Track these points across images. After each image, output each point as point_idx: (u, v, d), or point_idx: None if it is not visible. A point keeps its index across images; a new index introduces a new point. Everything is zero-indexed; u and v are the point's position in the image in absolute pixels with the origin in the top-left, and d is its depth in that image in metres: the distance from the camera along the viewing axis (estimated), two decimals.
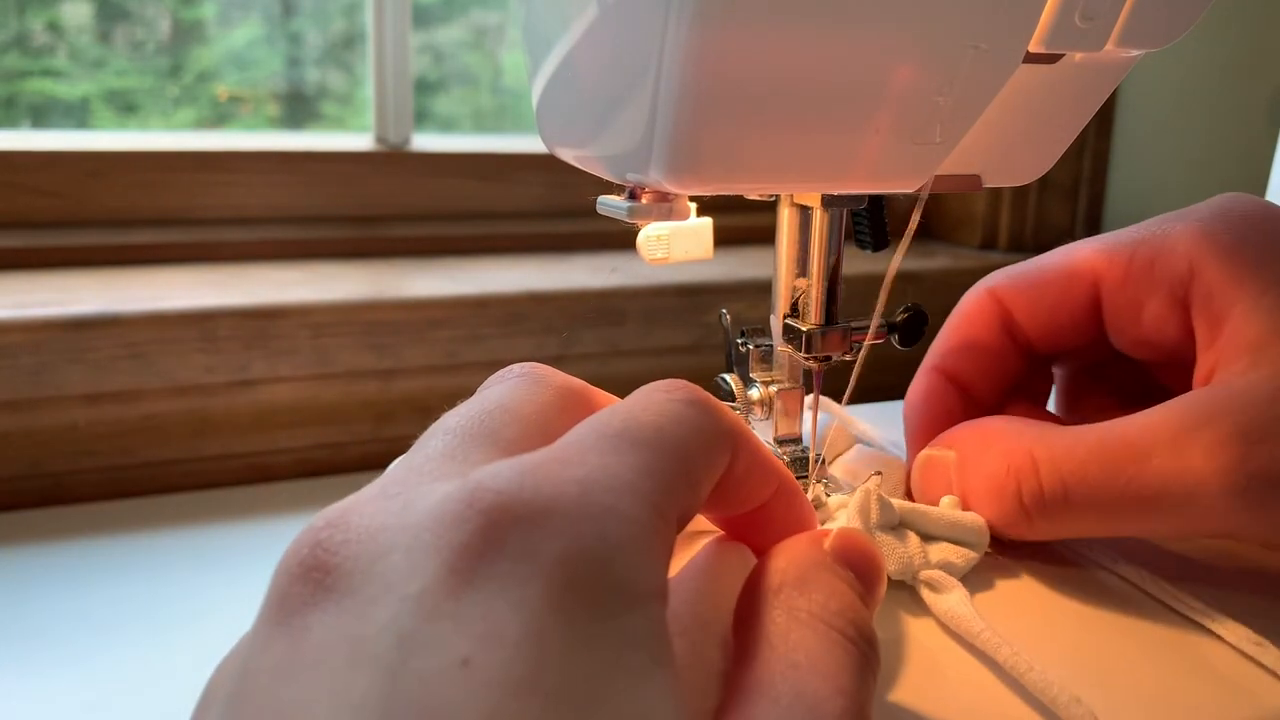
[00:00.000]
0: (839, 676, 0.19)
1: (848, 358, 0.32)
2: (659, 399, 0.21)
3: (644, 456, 0.19)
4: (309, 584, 0.17)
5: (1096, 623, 0.27)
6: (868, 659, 0.20)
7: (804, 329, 0.31)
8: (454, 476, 0.18)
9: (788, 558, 0.22)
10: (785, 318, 0.32)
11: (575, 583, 0.16)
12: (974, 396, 0.34)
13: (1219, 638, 0.26)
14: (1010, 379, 0.35)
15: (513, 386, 0.22)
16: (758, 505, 0.23)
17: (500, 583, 0.16)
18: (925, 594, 0.27)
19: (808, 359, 0.32)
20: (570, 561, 0.16)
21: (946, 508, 0.29)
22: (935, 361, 0.35)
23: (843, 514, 0.28)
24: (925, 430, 0.33)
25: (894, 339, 0.32)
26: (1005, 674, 0.24)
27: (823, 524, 0.29)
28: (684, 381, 0.22)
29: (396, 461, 0.21)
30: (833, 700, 0.18)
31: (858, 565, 0.22)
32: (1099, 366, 0.36)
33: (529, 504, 0.17)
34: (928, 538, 0.28)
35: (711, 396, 0.22)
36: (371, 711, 0.14)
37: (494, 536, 0.16)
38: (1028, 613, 0.27)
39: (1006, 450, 0.28)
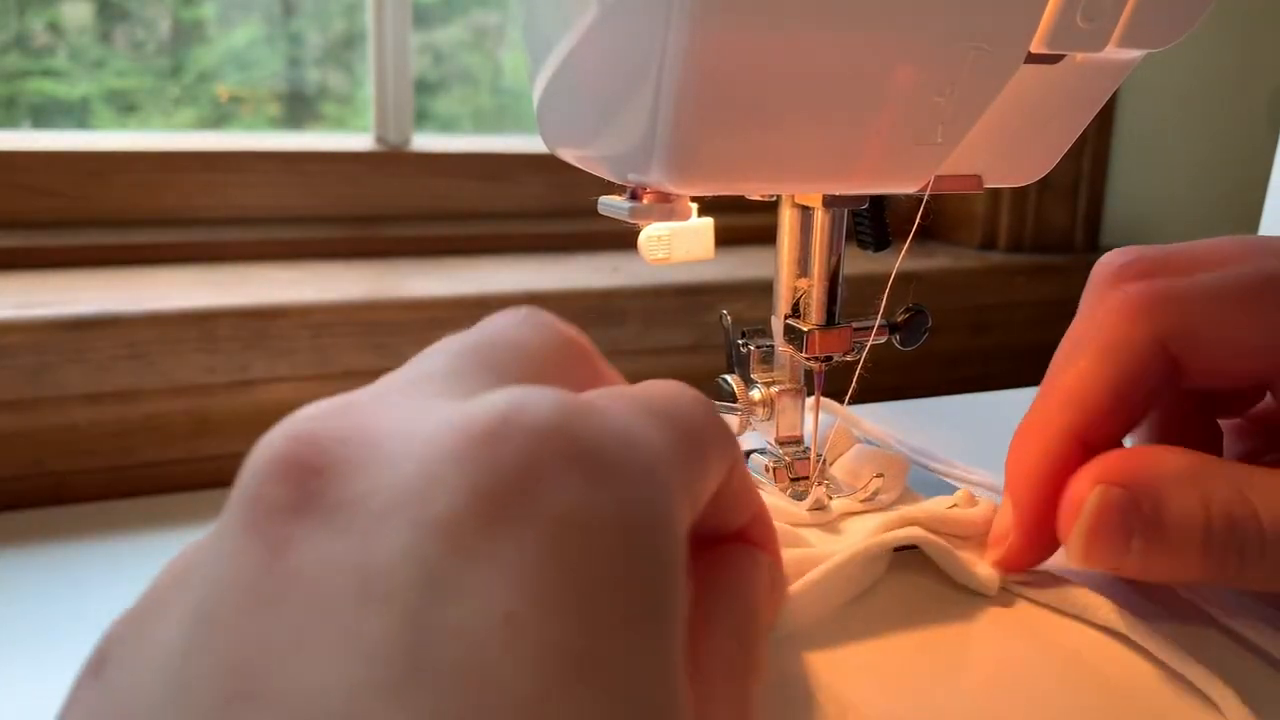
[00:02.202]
0: None
1: (849, 358, 0.32)
2: (675, 392, 0.18)
3: (680, 441, 0.17)
4: (290, 485, 0.14)
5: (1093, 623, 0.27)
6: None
7: (805, 329, 0.31)
8: (463, 397, 0.15)
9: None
10: (786, 318, 0.32)
11: (632, 551, 0.14)
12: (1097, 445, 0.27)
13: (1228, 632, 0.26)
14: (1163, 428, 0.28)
15: (517, 324, 0.20)
16: (730, 532, 0.21)
17: (545, 527, 0.13)
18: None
19: (809, 359, 0.32)
20: (628, 528, 0.14)
21: (949, 508, 0.29)
22: (1064, 415, 0.26)
23: (848, 522, 0.28)
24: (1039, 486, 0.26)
25: (895, 339, 0.32)
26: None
27: (824, 525, 0.29)
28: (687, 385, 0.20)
29: (386, 376, 0.18)
30: None
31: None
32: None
33: (578, 442, 0.14)
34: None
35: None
36: (391, 666, 0.12)
37: (537, 467, 0.13)
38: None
39: (1208, 491, 0.23)
